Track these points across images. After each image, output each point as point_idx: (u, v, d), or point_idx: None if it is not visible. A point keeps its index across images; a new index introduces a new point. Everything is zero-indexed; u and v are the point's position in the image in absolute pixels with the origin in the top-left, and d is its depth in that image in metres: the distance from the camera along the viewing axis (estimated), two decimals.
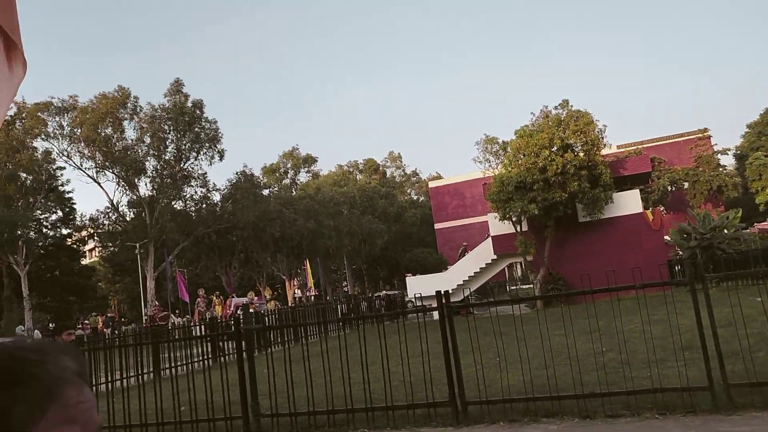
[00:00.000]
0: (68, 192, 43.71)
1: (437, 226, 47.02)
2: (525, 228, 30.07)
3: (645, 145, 38.68)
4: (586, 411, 7.38)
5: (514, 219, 29.26)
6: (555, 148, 28.32)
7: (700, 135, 38.24)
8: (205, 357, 12.71)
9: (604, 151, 30.05)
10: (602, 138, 29.42)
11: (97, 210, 41.11)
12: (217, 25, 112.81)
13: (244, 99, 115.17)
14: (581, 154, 28.36)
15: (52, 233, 43.29)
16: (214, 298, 25.91)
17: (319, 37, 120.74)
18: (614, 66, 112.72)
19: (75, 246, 48.53)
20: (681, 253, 27.32)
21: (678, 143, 39.15)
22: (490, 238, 33.50)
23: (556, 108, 30.39)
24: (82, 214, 43.81)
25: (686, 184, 37.16)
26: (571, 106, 30.19)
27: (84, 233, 46.81)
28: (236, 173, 43.22)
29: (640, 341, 8.42)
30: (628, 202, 29.89)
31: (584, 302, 8.62)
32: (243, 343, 8.83)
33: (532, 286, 32.09)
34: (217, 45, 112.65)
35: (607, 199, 28.76)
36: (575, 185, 27.44)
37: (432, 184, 51.32)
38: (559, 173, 27.36)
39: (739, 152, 61.78)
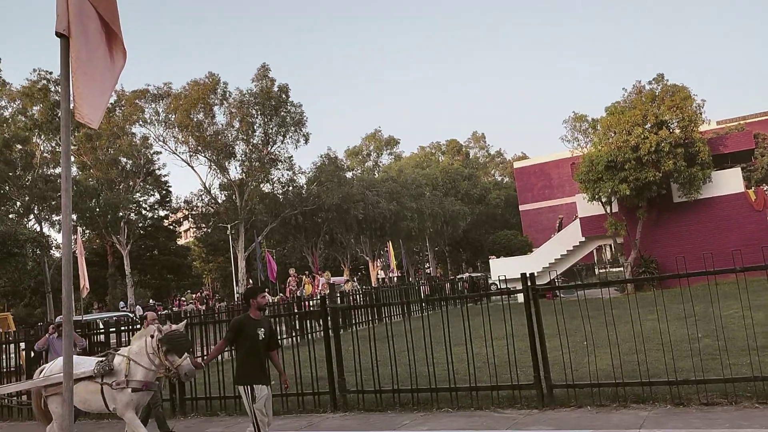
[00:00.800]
0: (164, 175, 46.21)
1: (522, 207, 46.06)
2: (615, 209, 29.00)
3: (748, 121, 36.14)
4: (680, 398, 7.11)
5: (603, 200, 28.26)
6: (648, 125, 27.04)
7: None
8: (294, 334, 13.18)
9: (702, 128, 28.35)
10: (700, 114, 27.77)
11: (191, 192, 43.44)
12: (301, 10, 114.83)
13: (328, 82, 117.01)
14: (677, 131, 26.91)
15: (150, 215, 46.02)
16: (304, 277, 26.64)
17: (403, 17, 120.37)
18: (714, 36, 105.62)
19: (171, 227, 51.35)
20: None
21: None
22: (578, 219, 32.54)
23: (649, 83, 28.92)
24: (177, 197, 46.35)
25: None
26: (667, 80, 28.63)
27: (179, 215, 49.44)
28: (320, 156, 44.22)
29: (739, 327, 7.96)
30: (729, 182, 28.13)
31: (679, 286, 8.26)
32: (329, 321, 9.09)
33: (622, 269, 30.94)
34: (301, 29, 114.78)
35: (705, 178, 27.21)
36: (670, 164, 26.12)
37: (517, 165, 50.24)
38: (653, 152, 26.11)
39: None
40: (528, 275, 8.22)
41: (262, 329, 6.16)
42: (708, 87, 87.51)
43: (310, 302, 14.80)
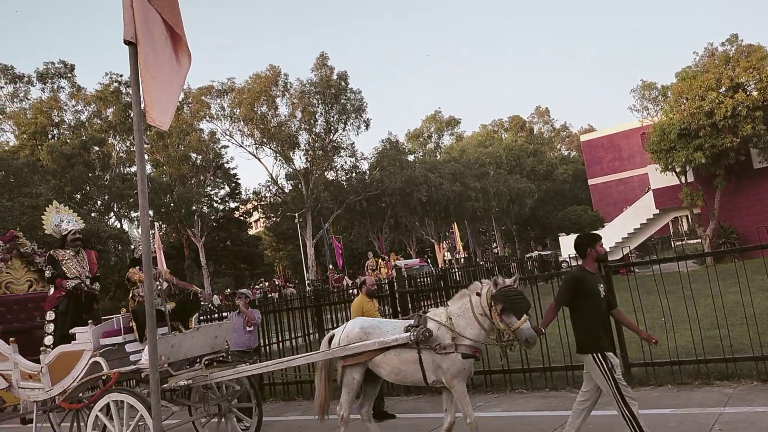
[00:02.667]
0: (233, 168, 47.51)
1: (591, 181, 44.70)
2: (690, 179, 27.82)
3: None
4: (766, 374, 6.79)
5: (678, 170, 27.13)
6: (723, 89, 25.68)
7: None
8: None
9: None
10: None
11: (259, 184, 44.61)
12: None
13: (385, 66, 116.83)
14: (755, 94, 25.44)
15: (221, 207, 47.53)
16: (380, 260, 26.97)
17: None
18: None
19: (242, 218, 52.87)
20: None
21: None
22: (650, 191, 31.39)
23: (722, 44, 27.43)
24: (246, 189, 47.58)
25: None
26: (741, 40, 27.08)
27: (249, 206, 50.81)
28: (382, 141, 44.32)
29: None
30: None
31: (762, 257, 7.84)
32: (397, 304, 9.18)
33: (700, 241, 29.66)
34: (355, 13, 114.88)
35: None
36: (748, 129, 24.75)
37: (584, 138, 48.68)
38: (729, 116, 24.82)
39: None
40: None
41: (602, 285, 5.21)
42: None
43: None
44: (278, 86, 39.06)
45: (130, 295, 6.97)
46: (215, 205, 46.59)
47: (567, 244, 32.77)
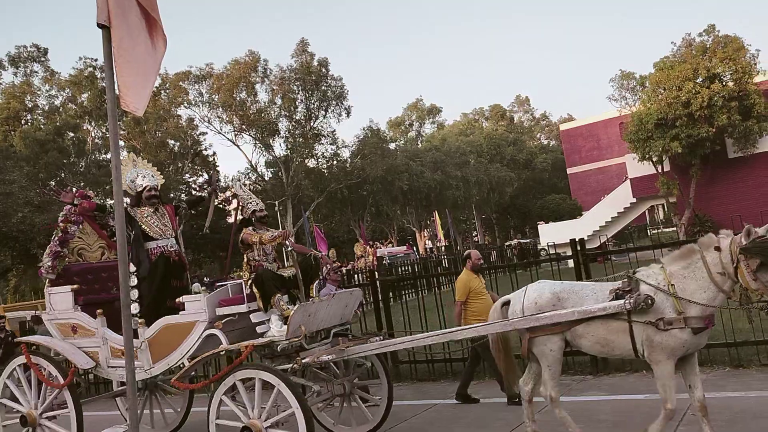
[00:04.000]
0: (211, 156, 47.06)
1: (570, 170, 45.03)
2: (667, 168, 28.19)
3: None
4: (739, 360, 6.95)
5: (654, 159, 27.49)
6: (700, 80, 26.02)
7: None
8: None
9: (757, 79, 27.07)
10: (755, 64, 26.54)
11: (238, 171, 44.01)
12: None
13: (367, 53, 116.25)
14: (730, 84, 25.82)
15: (200, 195, 47.10)
16: (368, 247, 27.00)
17: None
18: None
19: (221, 206, 52.39)
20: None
21: None
22: (628, 180, 31.75)
23: (700, 35, 27.74)
24: (225, 176, 47.14)
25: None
26: (718, 31, 27.39)
27: (228, 193, 50.40)
28: (363, 129, 44.11)
29: None
30: None
31: None
32: (379, 292, 9.19)
33: (675, 229, 30.15)
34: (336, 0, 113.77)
35: (761, 131, 26.14)
36: (724, 119, 25.13)
37: (563, 127, 48.98)
38: (705, 106, 25.17)
39: None
40: (577, 240, 8.11)
41: None
42: (762, 36, 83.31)
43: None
44: (258, 72, 38.65)
45: (245, 259, 6.05)
46: (194, 192, 46.15)
47: (546, 232, 33.06)
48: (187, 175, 43.26)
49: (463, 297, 6.94)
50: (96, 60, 36.19)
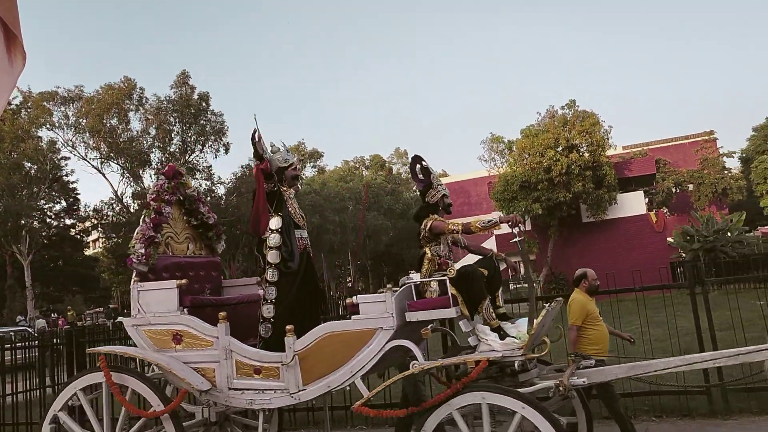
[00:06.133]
0: (73, 182, 43.82)
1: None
2: (529, 227, 30.08)
3: (650, 147, 38.60)
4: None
5: None
6: (560, 149, 28.32)
7: (706, 137, 38.12)
8: None
9: (609, 152, 30.03)
10: (608, 139, 29.43)
11: (102, 201, 41.09)
12: (225, 19, 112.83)
13: (251, 92, 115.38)
14: (586, 155, 28.36)
15: (55, 223, 43.44)
16: None
17: (327, 30, 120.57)
18: (622, 66, 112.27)
19: (79, 236, 48.70)
20: (684, 255, 27.30)
21: (683, 145, 39.02)
22: (493, 236, 33.48)
23: (562, 108, 30.41)
24: (86, 205, 43.95)
25: (691, 187, 37.06)
26: (578, 106, 30.22)
27: (88, 224, 46.96)
28: (242, 167, 43.31)
29: (638, 343, 8.43)
30: (632, 204, 29.89)
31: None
32: None
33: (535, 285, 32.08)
34: (224, 38, 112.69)
35: (611, 200, 28.76)
36: (579, 186, 27.44)
37: None
38: (564, 173, 27.36)
39: (744, 155, 61.53)
40: None
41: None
42: (615, 113, 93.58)
43: None
44: (132, 100, 36.96)
45: (427, 255, 5.02)
46: (48, 220, 42.55)
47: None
48: (43, 201, 39.88)
49: (580, 321, 5.99)
50: None
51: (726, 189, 36.38)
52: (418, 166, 5.45)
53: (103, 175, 38.43)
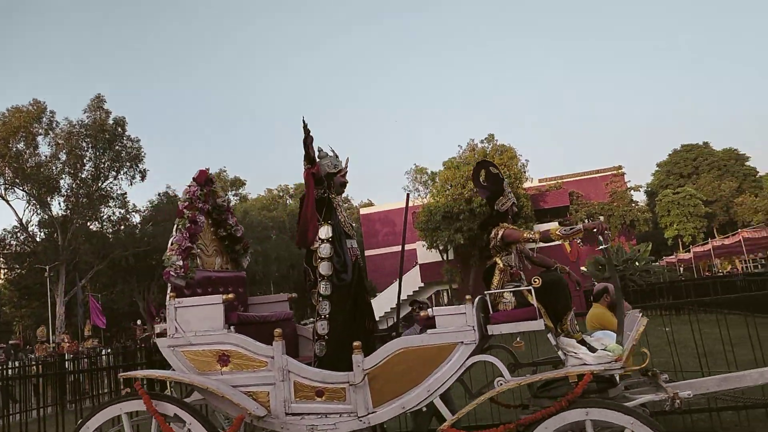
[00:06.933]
0: None
1: (367, 252, 46.92)
2: (451, 256, 30.56)
3: (564, 180, 40.38)
4: None
5: (441, 247, 29.72)
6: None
7: (615, 172, 40.24)
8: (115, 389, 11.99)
9: (526, 185, 31.15)
10: (524, 172, 30.55)
11: (4, 229, 38.42)
12: (142, 44, 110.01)
13: (171, 119, 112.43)
14: None
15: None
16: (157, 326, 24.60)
17: (248, 55, 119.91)
18: (538, 102, 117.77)
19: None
20: (596, 283, 28.47)
21: (595, 179, 41.06)
22: (417, 265, 33.77)
23: (482, 141, 31.36)
24: None
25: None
26: (497, 140, 31.28)
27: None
28: (159, 194, 41.85)
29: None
30: None
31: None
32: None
33: None
34: (143, 64, 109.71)
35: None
36: None
37: (363, 211, 51.35)
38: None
39: (649, 189, 65.56)
40: None
41: None
42: (531, 147, 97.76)
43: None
44: (41, 123, 35.10)
45: (499, 265, 4.68)
46: None
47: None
48: None
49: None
50: None
51: (633, 221, 38.45)
52: (483, 171, 5.20)
53: (7, 202, 36.09)
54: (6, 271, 44.68)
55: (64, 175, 35.97)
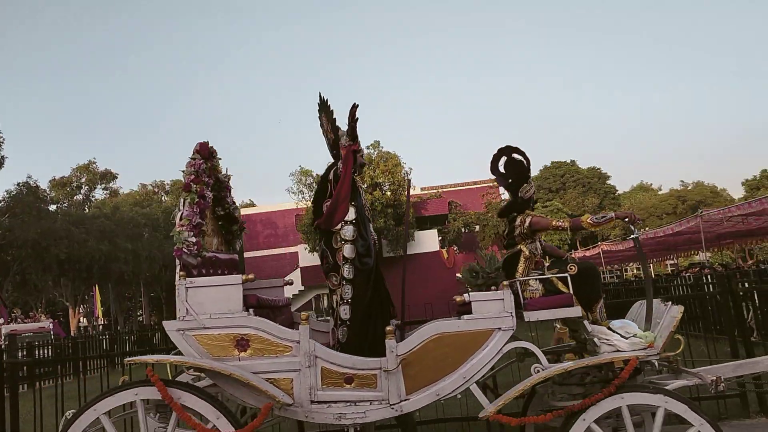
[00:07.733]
0: None
1: (247, 254, 45.81)
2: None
3: (444, 189, 41.80)
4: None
5: None
6: (365, 186, 29.46)
7: (491, 184, 42.28)
8: None
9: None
10: (408, 179, 31.28)
11: None
12: (8, 21, 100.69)
13: (37, 105, 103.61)
14: (388, 193, 29.84)
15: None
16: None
17: (131, 41, 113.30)
18: (423, 112, 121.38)
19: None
20: (470, 289, 29.75)
21: (472, 190, 42.85)
22: (299, 269, 33.54)
23: (367, 148, 31.73)
24: None
25: (477, 227, 40.75)
26: (382, 147, 31.78)
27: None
28: (18, 184, 38.42)
29: None
30: (428, 241, 31.98)
31: None
32: (3, 377, 7.71)
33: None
34: (8, 41, 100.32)
35: (409, 237, 30.47)
36: (381, 222, 28.71)
37: (244, 212, 50.04)
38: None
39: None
40: None
41: None
42: (415, 156, 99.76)
43: None
44: None
45: (524, 252, 4.50)
46: None
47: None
48: None
49: None
50: None
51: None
52: (504, 158, 4.95)
53: None
54: None
55: None
